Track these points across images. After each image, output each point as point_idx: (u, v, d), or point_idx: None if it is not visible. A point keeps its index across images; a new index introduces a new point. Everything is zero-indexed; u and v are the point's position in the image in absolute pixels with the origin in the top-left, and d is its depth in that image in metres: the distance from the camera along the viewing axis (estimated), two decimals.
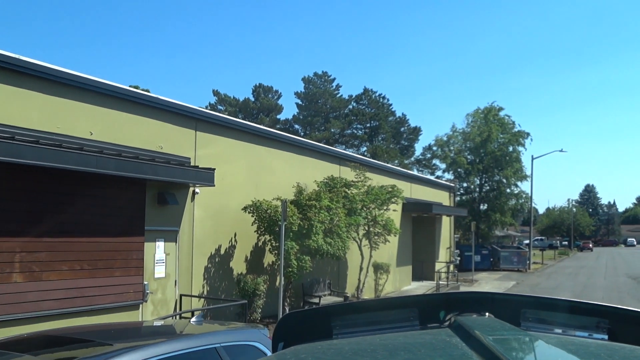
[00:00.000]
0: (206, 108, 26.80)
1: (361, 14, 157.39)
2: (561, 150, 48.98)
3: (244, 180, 16.74)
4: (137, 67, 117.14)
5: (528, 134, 46.49)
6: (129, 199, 13.04)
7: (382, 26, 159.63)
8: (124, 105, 12.99)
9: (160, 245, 14.10)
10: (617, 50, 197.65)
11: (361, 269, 20.48)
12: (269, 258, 17.15)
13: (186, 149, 14.78)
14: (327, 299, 18.78)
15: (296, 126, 66.59)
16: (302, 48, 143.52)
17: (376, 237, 20.89)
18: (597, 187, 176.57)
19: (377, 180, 22.28)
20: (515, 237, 72.88)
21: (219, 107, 59.83)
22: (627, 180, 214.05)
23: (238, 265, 16.44)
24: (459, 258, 34.88)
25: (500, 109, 46.71)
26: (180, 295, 14.49)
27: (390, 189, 20.92)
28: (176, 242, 14.48)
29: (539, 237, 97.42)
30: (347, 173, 20.85)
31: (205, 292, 15.31)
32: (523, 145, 46.27)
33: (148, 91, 16.16)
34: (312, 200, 16.32)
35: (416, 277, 29.79)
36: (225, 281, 15.92)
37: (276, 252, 15.73)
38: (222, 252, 15.94)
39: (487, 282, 33.08)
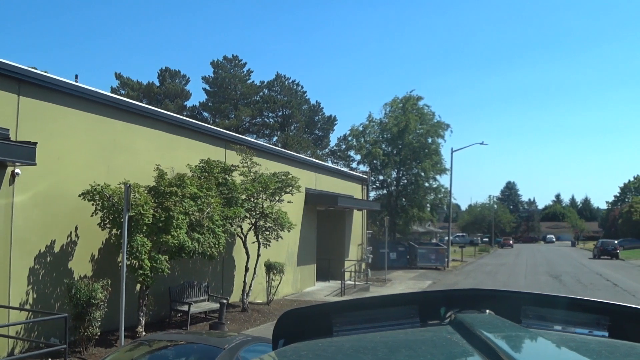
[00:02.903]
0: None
1: None
2: (482, 143, 47.38)
3: (90, 161, 13.54)
4: (38, 50, 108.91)
5: (448, 126, 44.42)
6: None
7: (298, 10, 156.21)
8: None
9: None
10: (538, 52, 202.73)
11: (247, 269, 17.58)
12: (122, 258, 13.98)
13: (4, 118, 11.49)
14: (201, 306, 15.79)
15: (204, 113, 61.69)
16: (213, 30, 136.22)
17: (267, 233, 18.04)
18: (518, 184, 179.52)
19: (274, 167, 19.45)
20: (437, 234, 71.86)
21: (121, 91, 54.95)
22: (547, 178, 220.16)
23: (81, 267, 13.24)
24: (371, 255, 32.42)
25: (420, 98, 44.39)
26: None
27: (283, 177, 18.11)
28: None
29: (460, 234, 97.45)
30: (235, 158, 17.90)
31: (30, 302, 12.04)
32: (442, 137, 44.24)
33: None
34: (173, 186, 13.27)
35: (322, 276, 27.11)
36: (60, 287, 12.67)
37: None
38: (57, 250, 12.70)
39: (402, 282, 30.93)
